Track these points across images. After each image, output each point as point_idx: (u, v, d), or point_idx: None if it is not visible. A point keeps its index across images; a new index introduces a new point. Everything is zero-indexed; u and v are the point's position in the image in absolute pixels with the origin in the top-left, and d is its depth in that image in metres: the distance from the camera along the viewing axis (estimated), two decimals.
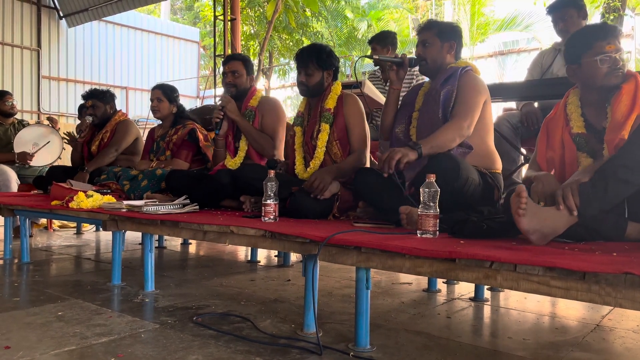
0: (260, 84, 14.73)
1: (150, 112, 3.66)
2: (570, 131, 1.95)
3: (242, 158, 3.01)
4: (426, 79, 2.56)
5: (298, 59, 2.66)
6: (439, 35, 2.32)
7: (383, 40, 4.17)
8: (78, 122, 4.42)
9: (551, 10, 3.13)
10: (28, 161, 4.45)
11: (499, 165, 2.29)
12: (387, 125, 2.50)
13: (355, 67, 3.09)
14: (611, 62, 1.83)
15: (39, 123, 5.44)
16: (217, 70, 9.74)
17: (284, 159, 3.06)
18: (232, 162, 3.01)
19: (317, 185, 2.33)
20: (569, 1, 3.06)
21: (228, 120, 2.97)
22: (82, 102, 4.25)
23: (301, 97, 2.84)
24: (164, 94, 3.57)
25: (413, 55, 2.43)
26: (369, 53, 4.35)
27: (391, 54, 4.11)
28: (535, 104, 3.16)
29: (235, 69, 3.05)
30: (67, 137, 4.25)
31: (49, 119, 4.79)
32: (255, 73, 5.88)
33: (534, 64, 3.30)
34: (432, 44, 2.32)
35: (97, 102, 3.98)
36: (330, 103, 2.60)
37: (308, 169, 2.62)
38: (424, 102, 2.35)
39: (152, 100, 3.60)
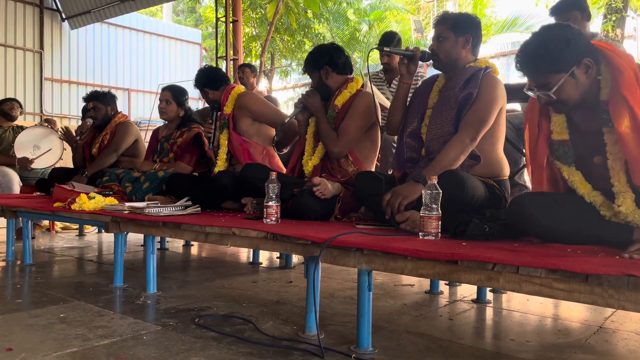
0: (262, 86, 14.74)
1: (152, 113, 3.67)
2: (549, 137, 1.76)
3: (225, 153, 3.08)
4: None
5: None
6: (454, 29, 2.21)
7: (390, 41, 4.19)
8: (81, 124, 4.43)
9: (554, 12, 3.12)
10: (28, 166, 4.46)
11: (506, 171, 2.23)
12: (395, 121, 2.43)
13: (368, 58, 3.02)
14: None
15: (37, 125, 5.46)
16: None
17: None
18: (219, 162, 3.07)
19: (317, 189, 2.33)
20: (572, 3, 3.04)
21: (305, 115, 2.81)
22: (84, 104, 4.26)
23: None
24: (173, 96, 3.56)
25: (426, 49, 2.32)
26: (378, 57, 4.35)
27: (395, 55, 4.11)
28: None
29: (204, 96, 3.22)
30: (62, 132, 4.21)
31: (47, 120, 4.81)
32: (257, 75, 5.90)
33: None
34: (446, 38, 2.21)
35: (98, 104, 3.98)
36: (340, 100, 2.62)
37: (310, 162, 2.65)
38: (438, 102, 2.25)
39: (160, 101, 3.60)
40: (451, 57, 2.23)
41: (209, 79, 3.19)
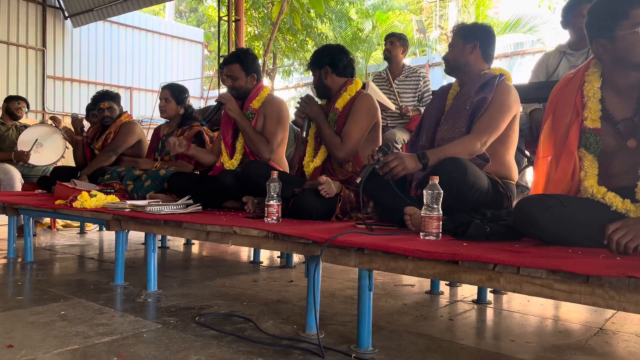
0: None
1: (154, 112, 3.68)
2: (581, 123, 1.69)
3: (239, 160, 3.01)
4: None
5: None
6: (462, 37, 2.32)
7: (404, 40, 4.33)
8: (85, 122, 4.45)
9: (565, 10, 3.09)
10: (25, 160, 4.47)
11: (514, 175, 2.27)
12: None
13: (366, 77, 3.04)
14: None
15: (42, 123, 5.48)
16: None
17: (285, 160, 3.07)
18: (230, 163, 3.01)
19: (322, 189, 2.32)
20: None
21: (224, 117, 2.97)
22: (88, 102, 4.29)
23: None
24: (172, 94, 3.57)
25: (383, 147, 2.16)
26: (380, 57, 4.44)
27: (404, 54, 4.25)
28: (540, 106, 3.14)
29: (231, 73, 3.02)
30: (68, 138, 4.28)
31: (52, 118, 4.82)
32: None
33: (538, 66, 3.27)
34: (455, 46, 2.33)
35: (113, 104, 4.05)
36: (340, 103, 2.65)
37: (311, 164, 2.67)
38: (452, 106, 2.30)
39: (160, 99, 3.61)
40: (459, 62, 2.31)
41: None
